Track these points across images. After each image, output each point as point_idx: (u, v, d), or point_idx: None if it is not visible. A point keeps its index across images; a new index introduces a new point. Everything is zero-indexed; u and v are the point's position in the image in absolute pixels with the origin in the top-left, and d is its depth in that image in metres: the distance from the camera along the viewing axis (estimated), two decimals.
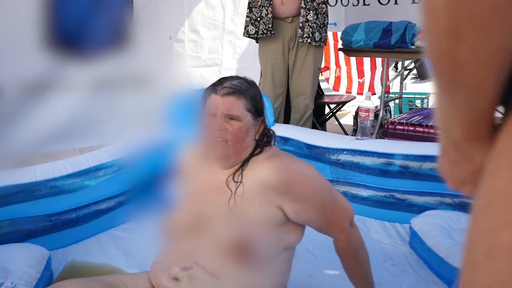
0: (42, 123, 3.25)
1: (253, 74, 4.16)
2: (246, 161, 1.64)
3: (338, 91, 6.75)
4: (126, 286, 1.68)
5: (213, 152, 1.64)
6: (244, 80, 1.70)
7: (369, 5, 5.03)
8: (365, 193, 2.92)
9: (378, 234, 2.72)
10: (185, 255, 1.60)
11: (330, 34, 5.99)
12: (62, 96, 3.34)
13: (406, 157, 2.81)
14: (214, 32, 4.67)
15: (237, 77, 1.71)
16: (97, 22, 3.54)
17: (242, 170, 1.62)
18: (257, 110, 1.66)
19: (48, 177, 2.56)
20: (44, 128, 3.28)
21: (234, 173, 1.62)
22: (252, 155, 1.65)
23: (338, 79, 6.84)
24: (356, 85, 6.67)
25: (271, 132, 1.74)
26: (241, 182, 1.60)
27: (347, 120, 5.95)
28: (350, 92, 6.56)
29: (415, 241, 2.50)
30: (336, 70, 6.86)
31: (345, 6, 5.24)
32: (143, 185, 2.89)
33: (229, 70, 4.78)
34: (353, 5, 5.16)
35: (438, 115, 0.65)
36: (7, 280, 1.45)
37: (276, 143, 1.76)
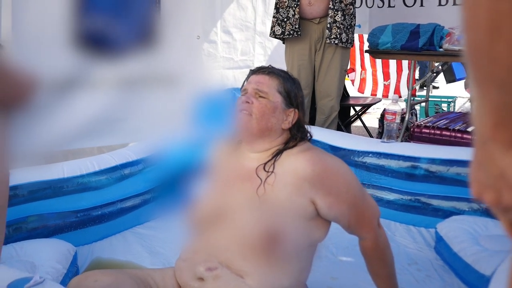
0: (68, 120, 3.28)
1: None
2: (279, 153, 1.65)
3: (363, 93, 6.72)
4: (155, 280, 1.70)
5: (237, 126, 1.65)
6: (287, 73, 1.76)
7: (394, 7, 4.99)
8: (390, 196, 2.90)
9: (403, 238, 2.70)
10: (209, 251, 1.60)
11: (356, 36, 5.96)
12: (89, 94, 3.38)
13: (432, 161, 2.78)
14: (246, 34, 4.69)
15: (282, 69, 1.77)
16: (125, 21, 3.57)
17: (275, 161, 1.63)
18: (290, 99, 1.68)
19: (75, 174, 2.60)
20: (70, 125, 3.31)
21: (265, 163, 1.63)
22: (285, 147, 1.66)
23: (363, 81, 6.81)
24: (382, 88, 6.64)
25: (307, 129, 1.75)
26: (272, 171, 1.61)
27: (372, 122, 5.91)
28: (375, 95, 6.53)
29: (441, 246, 2.47)
30: (361, 72, 6.83)
31: (370, 7, 5.21)
32: (168, 184, 2.91)
33: None
34: (378, 6, 5.13)
35: (473, 111, 0.63)
36: (35, 274, 1.48)
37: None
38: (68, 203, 2.56)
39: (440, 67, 5.05)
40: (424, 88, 5.12)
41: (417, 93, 5.89)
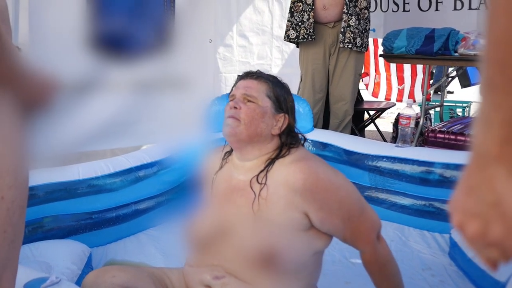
0: (84, 123, 3.32)
1: (299, 80, 4.17)
2: (271, 162, 1.60)
3: (377, 97, 6.70)
4: (171, 280, 1.71)
5: (225, 132, 1.61)
6: (276, 78, 1.73)
7: (409, 11, 4.98)
8: (404, 201, 2.89)
9: (417, 243, 2.69)
10: (214, 262, 1.60)
11: (370, 40, 5.95)
12: (104, 96, 3.41)
13: (447, 166, 2.77)
14: (263, 38, 4.69)
15: (270, 74, 1.74)
16: (139, 25, 3.60)
17: (267, 172, 1.58)
18: (279, 103, 1.65)
19: (90, 176, 2.62)
20: (86, 128, 3.35)
21: (258, 174, 1.59)
22: (278, 156, 1.61)
23: (377, 85, 6.78)
24: (396, 92, 6.61)
25: (298, 134, 1.71)
26: (265, 184, 1.56)
27: (385, 127, 5.89)
28: (389, 99, 6.50)
29: (455, 252, 2.46)
30: (375, 76, 6.81)
31: (384, 12, 5.19)
32: (182, 186, 2.92)
33: (278, 76, 4.78)
34: (393, 11, 5.11)
35: (477, 125, 0.57)
36: (51, 274, 1.49)
37: (311, 148, 1.74)
38: (83, 205, 2.58)
39: (455, 71, 5.02)
40: (439, 92, 5.10)
41: (432, 98, 5.86)
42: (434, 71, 6.49)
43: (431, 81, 6.27)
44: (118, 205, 2.70)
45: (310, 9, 3.68)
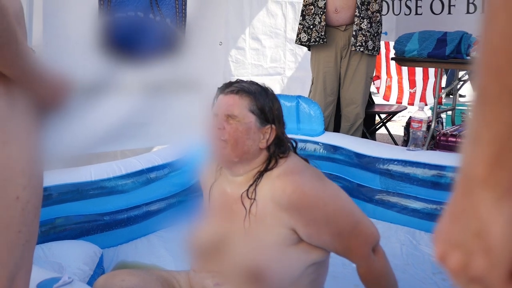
0: (96, 124, 3.34)
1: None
2: (260, 175, 1.56)
3: (388, 100, 6.69)
4: (179, 283, 1.72)
5: (213, 153, 1.60)
6: (258, 85, 1.64)
7: (421, 14, 4.97)
8: (415, 204, 2.88)
9: (428, 247, 2.67)
10: (215, 268, 1.60)
11: (382, 43, 5.95)
12: (115, 98, 3.43)
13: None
14: (276, 41, 4.70)
15: (251, 81, 1.66)
16: (151, 28, 3.62)
17: (256, 186, 1.54)
18: (264, 115, 1.57)
19: (102, 177, 2.63)
20: (97, 129, 3.37)
21: (248, 188, 1.55)
22: (265, 169, 1.57)
23: (388, 89, 6.77)
24: (407, 95, 6.59)
25: (287, 142, 1.65)
26: (254, 199, 1.53)
27: (397, 130, 5.87)
28: (401, 102, 6.49)
29: None
30: (387, 79, 6.80)
31: (396, 15, 5.19)
32: (192, 188, 2.93)
33: (292, 79, 4.79)
34: (405, 14, 5.11)
35: (465, 144, 0.51)
36: (64, 275, 1.51)
37: (322, 151, 1.71)
38: (94, 206, 2.60)
39: (467, 75, 5.00)
40: (451, 96, 5.08)
41: (443, 101, 5.84)
42: (446, 75, 6.46)
43: (443, 84, 6.25)
44: (129, 207, 2.71)
45: (322, 12, 3.68)
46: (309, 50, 3.98)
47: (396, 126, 6.19)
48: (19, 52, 0.94)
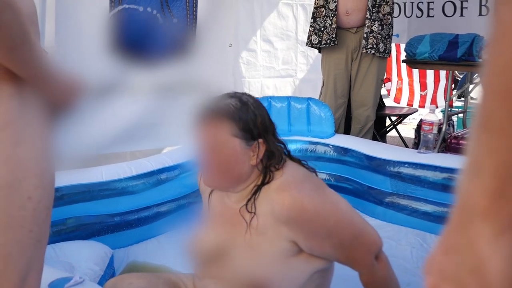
0: (106, 125, 3.36)
1: None
2: (257, 190, 1.51)
3: (399, 103, 6.67)
4: (186, 286, 1.72)
5: (205, 182, 1.54)
6: (237, 99, 1.52)
7: (433, 16, 4.94)
8: (426, 207, 2.87)
9: None
10: (216, 276, 1.59)
11: (393, 45, 5.94)
12: (125, 99, 3.45)
13: None
14: (288, 43, 4.71)
15: (227, 97, 1.54)
16: (161, 29, 3.64)
17: (255, 200, 1.51)
18: (250, 133, 1.48)
19: (113, 178, 2.65)
20: (107, 130, 3.39)
21: (247, 202, 1.52)
22: (262, 183, 1.52)
23: (399, 91, 6.75)
24: (418, 98, 6.57)
25: (279, 151, 1.57)
26: (254, 213, 1.49)
27: (407, 132, 5.85)
28: (412, 105, 6.47)
29: None
30: (397, 82, 6.78)
31: (408, 17, 5.17)
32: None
33: (303, 81, 4.79)
34: (417, 16, 5.09)
35: (464, 173, 0.48)
36: (75, 274, 1.52)
37: (332, 153, 1.67)
38: (105, 207, 2.61)
39: (479, 78, 4.97)
40: (462, 98, 5.05)
41: (455, 104, 5.81)
42: (459, 78, 6.44)
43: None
44: (140, 208, 2.72)
45: (333, 15, 3.68)
46: (319, 52, 3.98)
47: (407, 129, 6.17)
48: (32, 53, 0.95)
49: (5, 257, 0.95)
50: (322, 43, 3.75)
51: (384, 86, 6.49)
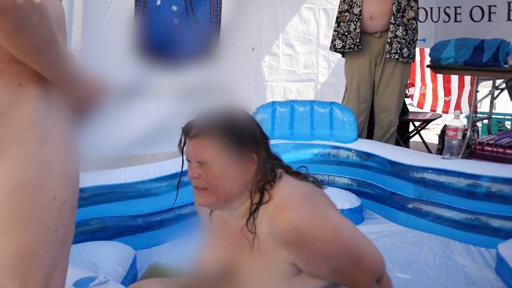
0: (128, 127, 3.39)
1: None
2: (256, 208, 1.45)
3: (422, 108, 6.60)
4: None
5: (197, 202, 1.48)
6: (225, 113, 1.47)
7: (460, 21, 4.88)
8: (449, 214, 2.84)
9: (462, 257, 2.63)
10: None
11: (417, 50, 5.88)
12: (148, 102, 3.48)
13: (495, 179, 2.71)
14: (309, 47, 4.71)
15: (216, 111, 1.49)
16: (185, 33, 3.67)
17: (254, 219, 1.44)
18: (240, 148, 1.42)
19: (137, 180, 2.67)
20: (129, 132, 3.42)
21: (247, 222, 1.45)
22: (261, 202, 1.45)
23: (423, 96, 6.69)
24: (442, 103, 6.50)
25: (272, 165, 1.49)
26: (255, 233, 1.44)
27: (430, 138, 5.80)
28: (435, 110, 6.40)
29: (502, 268, 2.40)
30: (421, 87, 6.72)
31: (435, 22, 5.12)
32: None
33: (325, 85, 4.79)
34: (444, 21, 5.03)
35: None
36: (100, 274, 1.53)
37: (354, 158, 1.61)
38: (128, 208, 2.64)
39: (504, 84, 4.90)
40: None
41: (479, 110, 5.74)
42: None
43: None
44: (162, 209, 2.74)
45: (357, 19, 3.67)
46: (343, 56, 3.97)
47: (430, 134, 6.11)
48: (58, 55, 0.97)
49: (31, 256, 0.97)
50: (346, 47, 3.74)
51: (408, 91, 6.44)
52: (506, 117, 5.76)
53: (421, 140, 5.12)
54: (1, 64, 0.94)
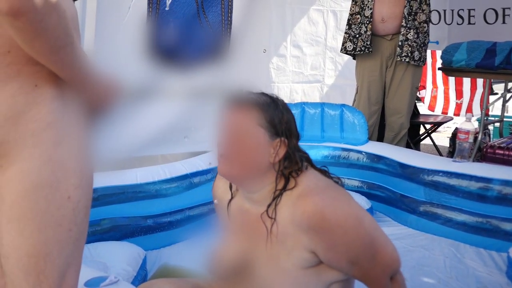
0: (140, 128, 3.41)
1: (353, 91, 4.14)
2: (279, 195, 1.47)
3: (433, 111, 6.58)
4: None
5: (221, 171, 1.49)
6: (268, 96, 1.54)
7: (474, 24, 4.85)
8: (460, 217, 2.83)
9: (473, 261, 2.62)
10: None
11: (428, 53, 5.85)
12: (159, 103, 3.49)
13: (506, 183, 2.70)
14: (317, 48, 4.71)
15: (261, 93, 1.55)
16: (197, 35, 3.68)
17: (276, 205, 1.46)
18: (275, 128, 1.46)
19: (148, 181, 2.68)
20: (141, 133, 3.43)
21: (267, 209, 1.47)
22: (285, 188, 1.47)
23: (434, 99, 6.66)
24: (453, 106, 6.47)
25: (299, 157, 1.51)
26: (275, 220, 1.45)
27: (442, 141, 5.77)
28: (446, 113, 6.37)
29: None
30: (432, 89, 6.69)
31: (448, 24, 5.09)
32: None
33: (331, 87, 4.78)
34: (457, 23, 5.00)
35: None
36: (111, 274, 1.54)
37: (365, 160, 1.61)
38: (139, 208, 2.65)
39: None
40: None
41: (491, 113, 5.71)
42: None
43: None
44: (172, 210, 2.75)
45: (368, 22, 3.67)
46: (354, 59, 3.96)
47: (441, 137, 6.09)
48: (74, 55, 0.98)
49: (45, 255, 0.98)
50: (357, 50, 3.74)
51: (419, 94, 6.42)
52: None
53: (432, 143, 5.09)
54: (18, 65, 0.95)
